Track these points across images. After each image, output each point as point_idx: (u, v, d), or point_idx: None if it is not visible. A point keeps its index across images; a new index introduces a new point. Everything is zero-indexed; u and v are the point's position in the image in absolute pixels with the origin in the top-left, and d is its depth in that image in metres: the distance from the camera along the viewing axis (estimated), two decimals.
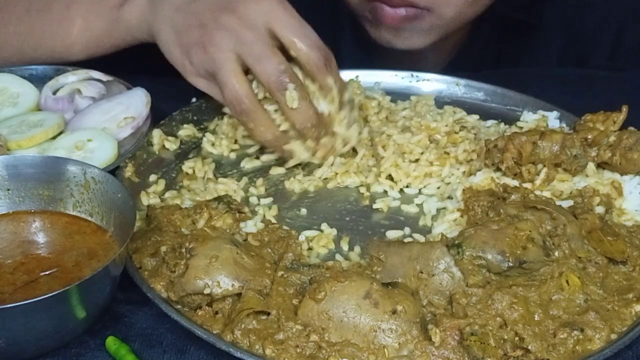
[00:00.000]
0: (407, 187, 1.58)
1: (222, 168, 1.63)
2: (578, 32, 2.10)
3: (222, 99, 1.52)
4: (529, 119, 1.73)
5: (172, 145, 1.65)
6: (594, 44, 2.11)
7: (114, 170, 1.50)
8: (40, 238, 1.31)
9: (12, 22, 1.77)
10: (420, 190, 1.58)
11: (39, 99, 1.68)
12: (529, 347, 1.19)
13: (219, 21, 1.48)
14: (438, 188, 1.58)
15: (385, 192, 1.57)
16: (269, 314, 1.21)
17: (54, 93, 1.69)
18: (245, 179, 1.59)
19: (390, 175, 1.59)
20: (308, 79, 1.50)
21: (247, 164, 1.63)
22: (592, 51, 2.12)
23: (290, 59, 1.49)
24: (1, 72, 1.72)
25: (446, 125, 1.68)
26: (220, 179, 1.58)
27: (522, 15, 2.05)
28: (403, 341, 1.18)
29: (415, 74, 1.88)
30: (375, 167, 1.61)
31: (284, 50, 1.49)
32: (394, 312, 1.19)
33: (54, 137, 1.57)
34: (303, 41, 1.46)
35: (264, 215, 1.49)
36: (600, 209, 1.47)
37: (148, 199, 1.51)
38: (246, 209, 1.48)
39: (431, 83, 1.88)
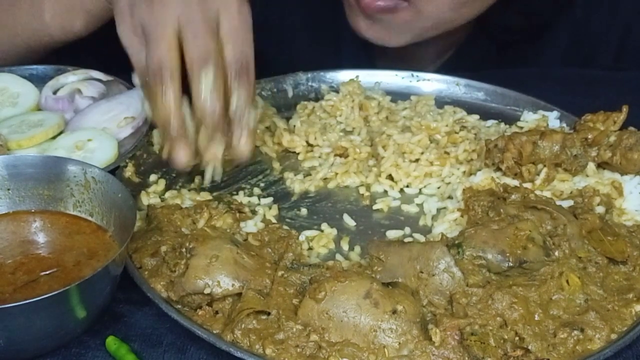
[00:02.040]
0: (407, 187, 1.58)
1: None
2: (584, 34, 2.09)
3: (139, 60, 1.42)
4: (529, 119, 1.73)
5: None
6: (600, 45, 2.11)
7: (114, 170, 1.50)
8: (40, 238, 1.31)
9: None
10: (420, 190, 1.58)
11: (39, 99, 1.68)
12: (529, 347, 1.19)
13: None
14: (438, 188, 1.58)
15: (386, 192, 1.57)
16: (269, 313, 1.21)
17: (54, 93, 1.69)
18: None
19: (390, 175, 1.59)
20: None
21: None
22: (598, 52, 2.12)
23: None
24: (1, 72, 1.72)
25: (446, 125, 1.68)
26: None
27: (518, 36, 2.04)
28: (403, 341, 1.18)
29: (415, 73, 1.88)
30: (375, 167, 1.61)
31: None
32: (394, 312, 1.19)
33: (54, 137, 1.57)
34: (235, 47, 1.40)
35: (264, 215, 1.49)
36: (600, 209, 1.47)
37: (148, 198, 1.51)
38: (246, 209, 1.48)
39: (431, 83, 1.88)
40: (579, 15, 2.07)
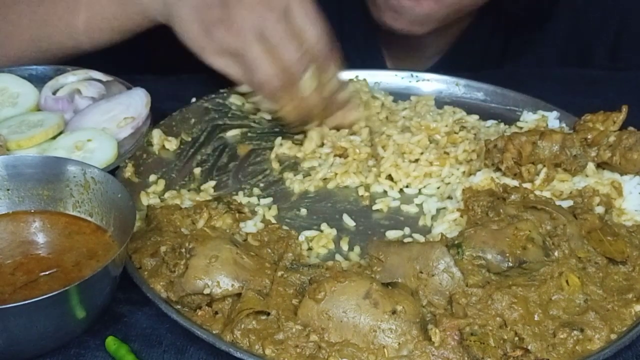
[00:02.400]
0: (407, 187, 1.58)
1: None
2: (583, 27, 2.10)
3: (243, 78, 1.57)
4: (529, 119, 1.73)
5: (172, 145, 1.65)
6: (597, 39, 2.11)
7: (113, 170, 1.50)
8: (40, 238, 1.31)
9: (25, 14, 1.78)
10: (420, 190, 1.58)
11: (38, 99, 1.68)
12: (529, 347, 1.19)
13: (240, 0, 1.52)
14: (438, 188, 1.58)
15: (385, 192, 1.57)
16: (268, 314, 1.21)
17: (54, 93, 1.69)
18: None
19: (390, 175, 1.59)
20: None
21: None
22: (595, 47, 2.12)
23: None
24: (1, 72, 1.72)
25: (446, 126, 1.68)
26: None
27: (528, 13, 2.04)
28: (403, 341, 1.18)
29: (415, 74, 1.88)
30: (375, 167, 1.61)
31: None
32: (394, 312, 1.19)
33: (54, 137, 1.57)
34: (315, 28, 1.53)
35: (264, 215, 1.49)
36: (600, 209, 1.47)
37: (148, 199, 1.51)
38: (246, 209, 1.48)
39: (431, 83, 1.88)
40: (577, 10, 2.08)
